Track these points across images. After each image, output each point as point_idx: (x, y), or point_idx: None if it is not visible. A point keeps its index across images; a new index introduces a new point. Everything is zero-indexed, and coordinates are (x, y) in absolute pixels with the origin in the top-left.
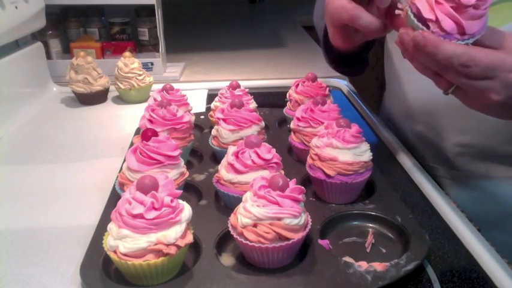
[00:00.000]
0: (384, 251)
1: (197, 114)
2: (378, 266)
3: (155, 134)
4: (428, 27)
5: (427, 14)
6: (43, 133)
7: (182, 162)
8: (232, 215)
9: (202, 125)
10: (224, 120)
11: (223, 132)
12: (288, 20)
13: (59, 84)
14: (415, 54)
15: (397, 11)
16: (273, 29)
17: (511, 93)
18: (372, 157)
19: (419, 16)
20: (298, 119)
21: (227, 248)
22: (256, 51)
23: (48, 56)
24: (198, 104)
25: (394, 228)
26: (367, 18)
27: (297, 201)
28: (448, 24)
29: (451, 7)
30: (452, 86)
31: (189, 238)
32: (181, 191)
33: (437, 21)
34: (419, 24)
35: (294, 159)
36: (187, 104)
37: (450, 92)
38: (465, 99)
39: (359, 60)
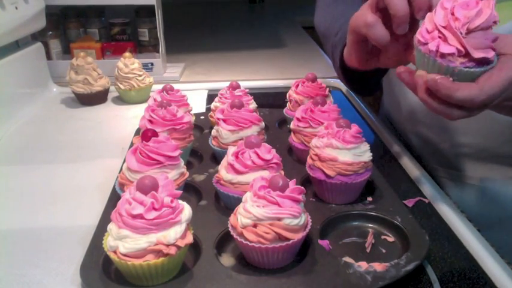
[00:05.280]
0: (384, 251)
1: (197, 115)
2: (378, 266)
3: (155, 134)
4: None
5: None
6: (43, 133)
7: (182, 163)
8: (232, 215)
9: (202, 125)
10: (224, 120)
11: (223, 132)
12: (288, 21)
13: (59, 84)
14: (430, 97)
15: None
16: (272, 30)
17: None
18: (371, 157)
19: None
20: (298, 119)
21: (227, 248)
22: (256, 51)
23: (48, 56)
24: (198, 105)
25: (394, 228)
26: (380, 30)
27: (296, 201)
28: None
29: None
30: None
31: (189, 238)
32: (181, 191)
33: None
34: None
35: (294, 159)
36: (187, 105)
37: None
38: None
39: (370, 82)
